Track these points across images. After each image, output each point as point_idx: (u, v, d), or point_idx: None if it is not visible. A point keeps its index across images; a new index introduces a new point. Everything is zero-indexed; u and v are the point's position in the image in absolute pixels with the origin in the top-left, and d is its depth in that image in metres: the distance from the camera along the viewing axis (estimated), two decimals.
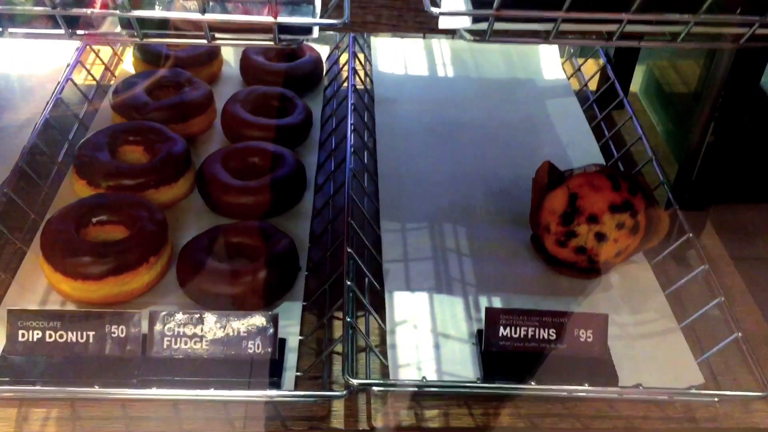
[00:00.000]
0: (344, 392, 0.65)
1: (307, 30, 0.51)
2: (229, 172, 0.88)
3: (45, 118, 0.90)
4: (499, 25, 0.53)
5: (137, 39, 0.51)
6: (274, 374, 0.69)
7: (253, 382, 0.67)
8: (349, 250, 0.74)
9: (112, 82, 1.10)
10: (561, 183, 0.81)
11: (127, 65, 1.14)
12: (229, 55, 1.18)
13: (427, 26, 0.54)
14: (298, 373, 0.69)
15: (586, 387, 0.66)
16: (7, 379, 0.66)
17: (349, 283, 0.71)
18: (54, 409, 0.67)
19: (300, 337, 0.73)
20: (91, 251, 0.73)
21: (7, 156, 0.92)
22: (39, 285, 0.77)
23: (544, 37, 0.55)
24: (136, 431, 0.66)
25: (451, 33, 0.56)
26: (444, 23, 0.53)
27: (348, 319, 0.68)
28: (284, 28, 0.51)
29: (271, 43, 0.51)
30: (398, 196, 0.91)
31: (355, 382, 0.64)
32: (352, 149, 0.89)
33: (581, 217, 0.79)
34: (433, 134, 1.04)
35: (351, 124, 0.93)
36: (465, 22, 0.54)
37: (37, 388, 0.63)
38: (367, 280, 0.76)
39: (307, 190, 0.91)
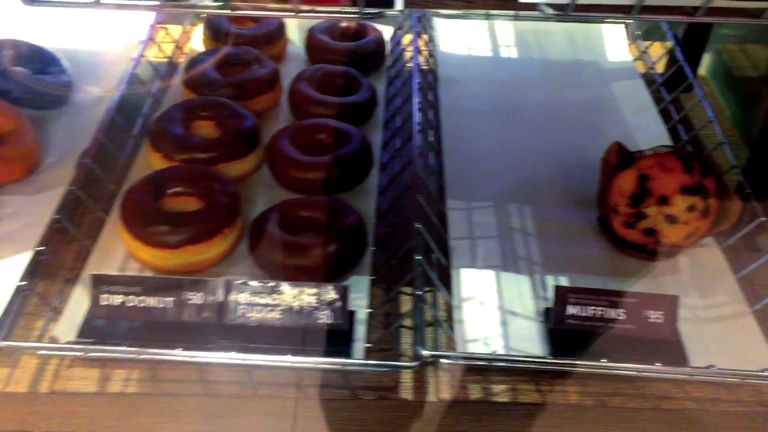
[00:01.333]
0: (416, 363, 0.66)
1: (389, 3, 0.52)
2: (297, 149, 0.90)
3: (121, 93, 0.93)
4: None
5: (227, 10, 0.52)
6: (344, 345, 0.70)
7: (325, 351, 0.69)
8: (418, 226, 0.75)
9: (181, 60, 1.13)
10: (631, 164, 0.80)
11: (195, 43, 1.16)
12: (294, 34, 1.19)
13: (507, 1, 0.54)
14: (368, 345, 0.71)
15: (657, 366, 0.65)
16: (92, 340, 0.69)
17: (419, 258, 0.72)
18: (135, 370, 0.70)
19: (368, 310, 0.74)
20: (170, 221, 0.76)
21: (85, 128, 0.95)
22: (118, 252, 0.80)
23: (626, 12, 0.54)
24: (212, 394, 0.69)
25: (531, 8, 0.56)
26: None
27: (418, 293, 0.69)
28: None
29: (356, 15, 0.52)
30: (464, 175, 0.91)
31: (426, 353, 0.65)
32: (419, 128, 0.90)
33: (651, 198, 0.79)
34: (497, 114, 1.04)
35: (417, 103, 0.94)
36: None
37: (123, 348, 0.66)
38: (434, 256, 0.77)
39: (372, 167, 0.92)
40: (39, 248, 0.72)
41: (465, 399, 0.68)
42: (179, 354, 0.67)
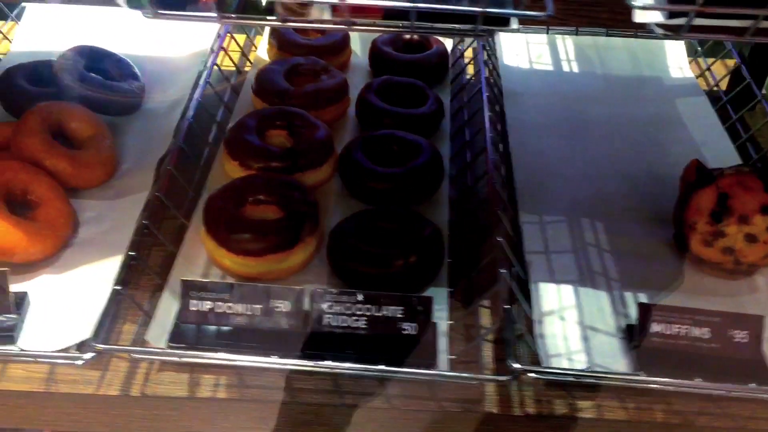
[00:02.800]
0: (508, 377, 0.66)
1: (503, 21, 0.53)
2: (370, 159, 0.91)
3: (197, 101, 0.94)
4: (695, 21, 0.54)
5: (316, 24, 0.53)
6: (428, 356, 0.71)
7: (411, 362, 0.69)
8: (500, 239, 0.76)
9: (246, 68, 1.15)
10: (710, 182, 0.80)
11: (260, 52, 1.17)
12: (356, 44, 1.20)
13: (621, 20, 0.55)
14: (452, 357, 0.71)
15: (751, 387, 0.65)
16: (182, 345, 0.71)
17: (504, 271, 0.72)
18: (222, 376, 0.71)
19: (450, 322, 0.75)
20: (255, 229, 0.77)
21: (159, 135, 0.97)
22: (200, 258, 0.81)
23: (740, 34, 0.55)
24: (298, 401, 0.70)
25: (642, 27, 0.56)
26: (638, 17, 0.54)
27: (506, 307, 0.69)
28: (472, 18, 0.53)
29: (471, 33, 0.53)
30: (534, 189, 0.92)
31: (518, 366, 0.65)
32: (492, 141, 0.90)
33: (731, 217, 0.79)
34: (562, 128, 1.04)
35: (488, 116, 0.94)
36: (658, 17, 0.55)
37: (218, 355, 0.67)
38: (513, 270, 0.77)
39: (443, 179, 0.93)
40: (131, 253, 0.73)
41: (550, 414, 0.68)
42: (271, 361, 0.68)
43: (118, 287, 0.70)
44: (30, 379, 0.70)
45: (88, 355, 0.67)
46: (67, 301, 0.75)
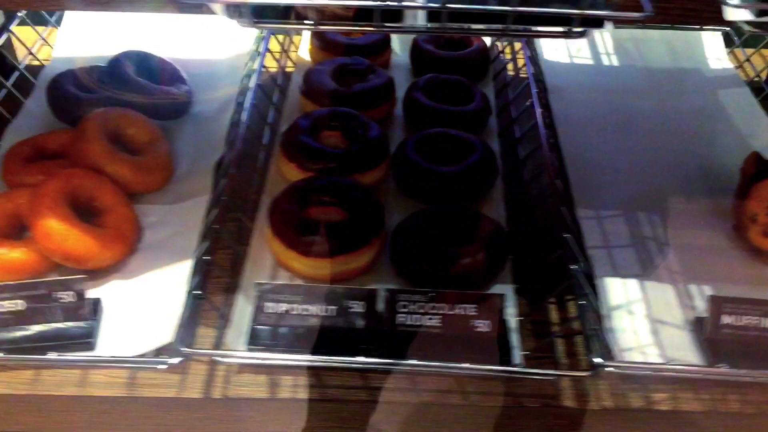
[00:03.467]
0: (590, 372, 0.67)
1: (597, 22, 0.53)
2: (423, 158, 0.91)
3: (252, 104, 0.95)
4: None
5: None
6: (503, 353, 0.72)
7: (486, 359, 0.70)
8: (567, 236, 0.77)
9: (289, 68, 1.15)
10: None
11: (302, 52, 1.18)
12: (395, 43, 1.21)
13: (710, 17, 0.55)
14: (526, 352, 0.72)
15: None
16: (260, 347, 0.71)
17: (575, 267, 0.73)
18: (301, 377, 0.72)
19: (519, 318, 0.76)
20: (324, 231, 0.78)
21: (211, 138, 0.97)
22: (267, 261, 0.82)
23: None
24: (377, 399, 0.71)
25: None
26: (729, 15, 0.55)
27: (582, 303, 0.70)
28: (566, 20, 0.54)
29: (561, 35, 0.54)
30: (589, 184, 0.92)
31: (601, 361, 0.66)
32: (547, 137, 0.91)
33: None
34: (608, 123, 1.05)
35: (540, 111, 0.95)
36: (748, 15, 0.55)
37: (300, 357, 0.68)
38: (580, 266, 0.78)
39: (497, 177, 0.94)
40: (206, 258, 0.74)
41: (627, 407, 0.69)
42: (349, 361, 0.68)
43: (198, 292, 0.71)
44: (112, 384, 0.71)
45: (175, 360, 0.67)
46: (141, 306, 0.76)
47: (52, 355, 0.68)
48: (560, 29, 0.53)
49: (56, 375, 0.71)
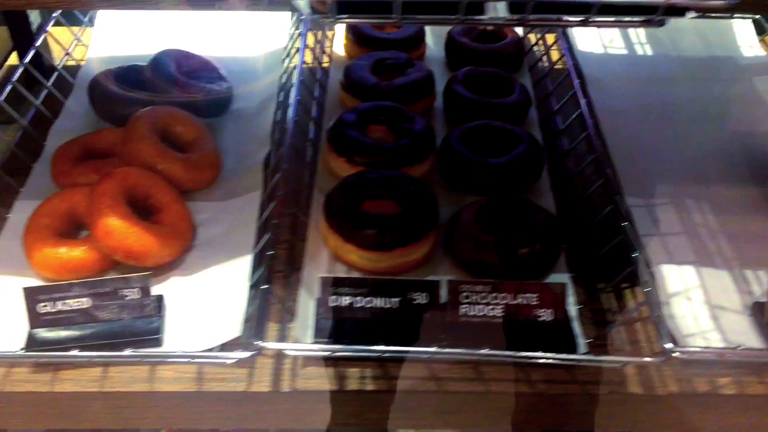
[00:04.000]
0: (662, 358, 0.68)
1: (679, 11, 0.54)
2: (470, 150, 0.92)
3: (297, 100, 0.95)
4: None
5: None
6: (567, 341, 0.72)
7: (551, 347, 0.71)
8: (625, 224, 0.77)
9: (325, 64, 1.15)
10: None
11: (337, 47, 1.18)
12: (428, 37, 1.21)
13: None
14: (589, 340, 0.73)
15: None
16: (324, 339, 0.72)
17: (636, 254, 0.74)
18: (367, 368, 0.72)
19: (579, 307, 0.77)
20: (383, 224, 0.79)
21: (257, 135, 0.98)
22: (323, 254, 0.82)
23: None
24: (446, 389, 0.71)
25: None
26: None
27: (647, 290, 0.71)
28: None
29: (641, 23, 0.54)
30: (634, 173, 0.93)
31: (671, 346, 0.67)
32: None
33: None
34: (648, 112, 1.05)
35: (584, 102, 0.96)
36: None
37: (372, 348, 0.69)
38: (636, 254, 0.79)
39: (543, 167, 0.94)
40: (269, 252, 0.74)
41: (693, 392, 0.70)
42: (417, 351, 0.69)
43: (266, 286, 0.71)
44: (180, 379, 0.71)
45: (246, 354, 0.68)
46: (203, 302, 0.77)
47: (127, 351, 0.69)
48: (641, 18, 0.54)
49: (125, 372, 0.72)
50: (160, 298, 0.76)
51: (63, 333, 0.72)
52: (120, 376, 0.72)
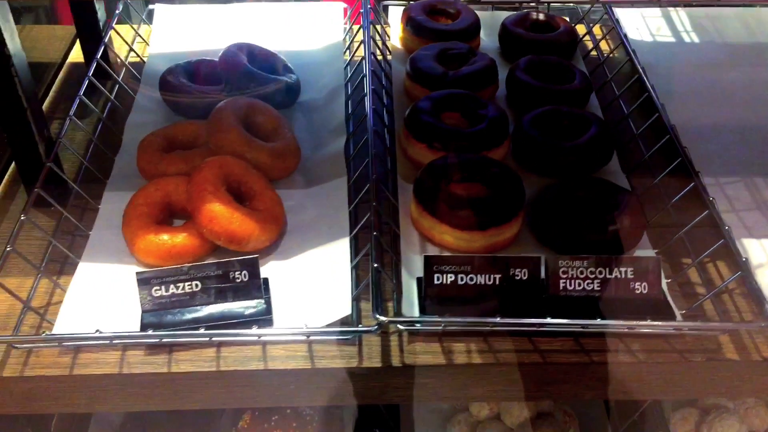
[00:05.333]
0: (765, 323, 0.71)
1: None
2: (543, 134, 0.95)
3: (372, 89, 0.97)
4: None
5: None
6: (664, 312, 0.75)
7: (651, 317, 0.73)
8: (712, 198, 0.81)
9: (388, 56, 1.17)
10: None
11: (394, 40, 1.21)
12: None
13: None
14: (683, 312, 0.76)
15: None
16: (434, 315, 0.74)
17: (728, 227, 0.77)
18: (471, 343, 0.75)
19: (668, 280, 0.80)
20: (478, 205, 0.81)
21: (330, 125, 1.01)
22: (414, 237, 0.85)
23: None
24: (547, 361, 0.74)
25: None
26: None
27: (745, 258, 0.74)
28: None
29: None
30: (702, 153, 0.96)
31: None
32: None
33: None
34: (704, 96, 1.09)
35: (651, 85, 0.99)
36: None
37: (485, 320, 0.71)
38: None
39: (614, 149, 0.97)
40: (375, 233, 0.77)
41: None
42: (520, 323, 0.72)
43: (375, 265, 0.74)
44: (293, 357, 0.73)
45: (372, 327, 0.70)
46: (306, 283, 0.79)
47: (254, 329, 0.71)
48: None
49: (238, 351, 0.74)
50: (266, 281, 0.78)
51: (175, 316, 0.74)
52: (233, 355, 0.74)
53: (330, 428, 1.01)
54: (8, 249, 0.76)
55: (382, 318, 0.70)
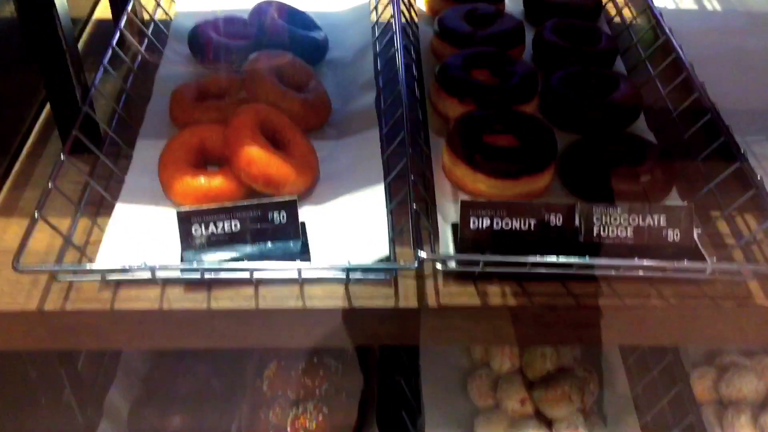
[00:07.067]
0: None
1: None
2: (572, 92, 0.96)
3: (402, 44, 0.98)
4: None
5: None
6: (695, 259, 0.77)
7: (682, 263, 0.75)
8: (743, 150, 0.82)
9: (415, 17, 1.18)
10: None
11: (419, 3, 1.21)
12: None
13: None
14: (712, 258, 0.77)
15: None
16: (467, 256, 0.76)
17: (760, 178, 0.78)
18: (506, 286, 0.76)
19: (698, 230, 0.81)
20: (512, 154, 0.83)
21: (359, 80, 1.02)
22: (447, 187, 0.86)
23: None
24: (580, 305, 0.75)
25: None
26: None
27: None
28: None
29: None
30: (732, 112, 0.96)
31: None
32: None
33: None
34: (730, 60, 1.10)
35: (678, 44, 1.00)
36: None
37: (526, 258, 0.73)
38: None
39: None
40: (412, 177, 0.78)
41: None
42: (555, 263, 0.73)
43: (414, 206, 0.75)
44: (331, 296, 0.74)
45: (413, 265, 0.71)
46: (343, 227, 0.80)
47: (297, 263, 0.73)
48: None
49: (277, 291, 0.75)
50: (303, 225, 0.79)
51: (215, 255, 0.75)
52: (272, 294, 0.75)
53: (354, 379, 1.02)
54: (50, 186, 0.77)
55: (423, 254, 0.71)
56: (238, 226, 0.76)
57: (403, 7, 1.13)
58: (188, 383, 1.01)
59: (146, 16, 1.13)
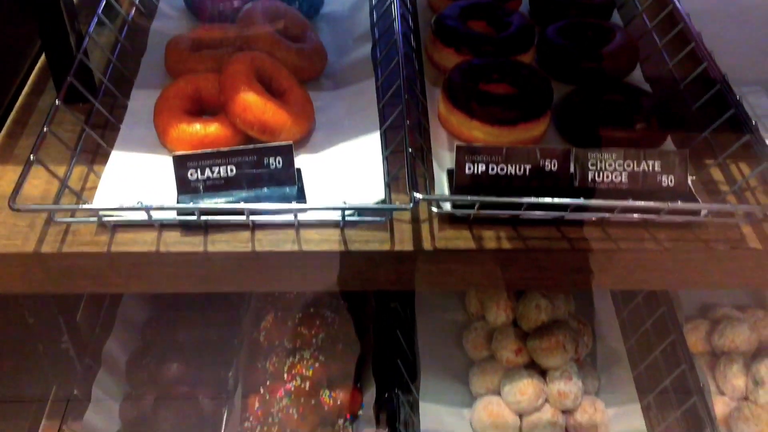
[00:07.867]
0: None
1: None
2: (569, 43, 0.96)
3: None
4: None
5: None
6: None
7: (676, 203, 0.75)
8: (739, 96, 0.82)
9: None
10: None
11: None
12: None
13: None
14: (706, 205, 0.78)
15: None
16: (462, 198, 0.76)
17: (755, 124, 0.79)
18: (501, 230, 0.76)
19: (692, 177, 0.81)
20: (508, 101, 0.83)
21: (354, 33, 1.01)
22: (443, 135, 0.86)
23: None
24: (575, 248, 0.76)
25: None
26: None
27: None
28: None
29: None
30: (728, 64, 0.96)
31: None
32: None
33: None
34: (727, 13, 1.09)
35: (680, 8, 0.99)
36: None
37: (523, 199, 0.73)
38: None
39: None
40: (407, 121, 0.78)
41: None
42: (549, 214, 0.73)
43: (410, 149, 0.75)
44: (327, 240, 0.75)
45: (408, 205, 0.71)
46: (338, 172, 0.80)
47: (293, 205, 0.73)
48: None
49: (273, 234, 0.75)
50: (299, 171, 0.79)
51: (211, 200, 0.75)
52: (268, 238, 0.75)
53: (350, 330, 1.03)
54: (45, 130, 0.76)
55: (418, 195, 0.71)
56: (234, 171, 0.76)
57: None
58: (186, 333, 1.02)
59: None
